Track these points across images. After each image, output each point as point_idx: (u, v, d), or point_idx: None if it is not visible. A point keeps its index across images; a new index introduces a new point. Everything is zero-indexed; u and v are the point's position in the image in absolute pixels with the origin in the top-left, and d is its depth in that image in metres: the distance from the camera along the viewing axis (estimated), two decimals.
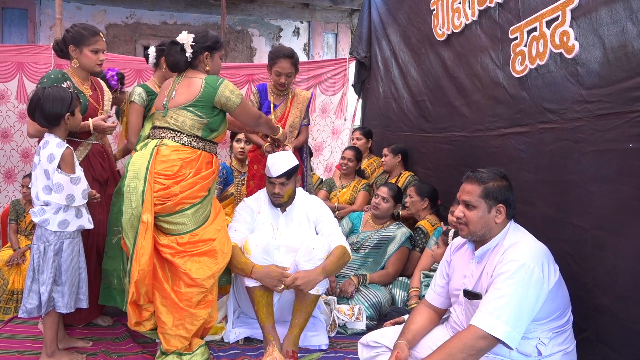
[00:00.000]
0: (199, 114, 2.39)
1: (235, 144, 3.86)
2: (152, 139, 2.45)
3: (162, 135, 2.42)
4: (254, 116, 2.62)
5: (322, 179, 4.50)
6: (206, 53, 2.46)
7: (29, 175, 3.86)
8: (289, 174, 2.63)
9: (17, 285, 3.60)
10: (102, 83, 2.88)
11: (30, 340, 2.54)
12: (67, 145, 2.26)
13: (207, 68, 2.49)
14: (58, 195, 2.22)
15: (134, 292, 2.29)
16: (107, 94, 2.81)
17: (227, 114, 2.52)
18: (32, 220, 3.79)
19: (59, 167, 2.22)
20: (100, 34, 2.65)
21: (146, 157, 2.35)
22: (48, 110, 2.22)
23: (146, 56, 3.12)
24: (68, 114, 2.26)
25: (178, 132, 2.40)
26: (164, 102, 2.45)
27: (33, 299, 2.25)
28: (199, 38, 2.46)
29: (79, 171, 2.30)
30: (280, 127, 2.92)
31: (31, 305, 2.25)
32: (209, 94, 2.38)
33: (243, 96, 2.49)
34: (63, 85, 2.41)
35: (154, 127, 2.50)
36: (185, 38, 2.42)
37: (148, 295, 2.34)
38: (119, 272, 2.45)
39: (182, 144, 2.40)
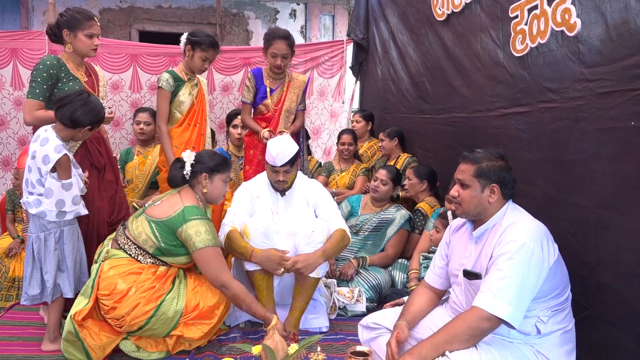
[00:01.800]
0: (157, 234, 2.24)
1: (231, 129, 3.83)
2: (109, 241, 2.36)
3: (117, 239, 2.32)
4: (213, 274, 2.25)
5: (320, 163, 4.48)
6: (204, 174, 2.37)
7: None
8: (293, 161, 2.62)
9: (18, 273, 3.61)
10: (97, 68, 2.85)
11: (32, 327, 2.56)
12: (66, 151, 2.21)
13: (205, 190, 2.39)
14: (47, 200, 2.20)
15: None
16: (102, 80, 2.78)
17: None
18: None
19: (53, 170, 2.19)
20: (95, 18, 2.60)
21: (93, 273, 2.24)
22: (77, 114, 2.20)
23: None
24: (88, 127, 2.25)
25: (131, 241, 2.27)
26: (146, 205, 2.39)
27: (34, 286, 2.26)
28: (202, 158, 2.39)
29: (73, 176, 2.25)
30: (274, 318, 2.19)
31: (33, 292, 2.26)
32: (175, 223, 2.23)
33: (213, 246, 2.24)
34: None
35: (122, 224, 2.40)
36: (187, 156, 2.37)
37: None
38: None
39: (128, 254, 2.25)
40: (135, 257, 2.25)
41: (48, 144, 2.19)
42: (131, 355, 2.24)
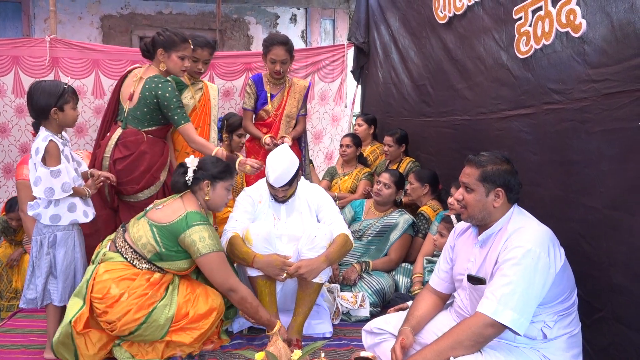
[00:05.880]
0: (158, 239, 2.21)
1: (235, 137, 3.80)
2: (107, 242, 2.35)
3: (115, 240, 2.31)
4: (220, 279, 2.25)
5: (310, 160, 4.45)
6: (207, 181, 2.35)
7: (11, 206, 3.59)
8: (292, 181, 2.56)
9: (19, 285, 3.61)
10: None
11: (35, 334, 2.54)
12: (52, 138, 2.21)
13: (207, 197, 2.36)
14: (37, 188, 2.20)
15: None
16: None
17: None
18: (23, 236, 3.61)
19: (44, 160, 2.19)
20: (189, 40, 2.70)
21: (88, 274, 2.23)
22: (35, 103, 2.22)
23: None
24: (55, 108, 2.21)
25: (129, 244, 2.25)
26: (147, 209, 2.37)
27: (32, 290, 2.29)
28: (205, 165, 2.37)
29: (64, 165, 2.22)
30: (277, 323, 2.32)
31: (30, 296, 2.29)
32: (177, 228, 2.20)
33: (217, 251, 2.23)
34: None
35: (122, 226, 2.39)
36: (191, 161, 2.35)
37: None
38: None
39: (124, 257, 2.24)
40: (131, 262, 2.24)
41: (38, 138, 2.23)
42: None
